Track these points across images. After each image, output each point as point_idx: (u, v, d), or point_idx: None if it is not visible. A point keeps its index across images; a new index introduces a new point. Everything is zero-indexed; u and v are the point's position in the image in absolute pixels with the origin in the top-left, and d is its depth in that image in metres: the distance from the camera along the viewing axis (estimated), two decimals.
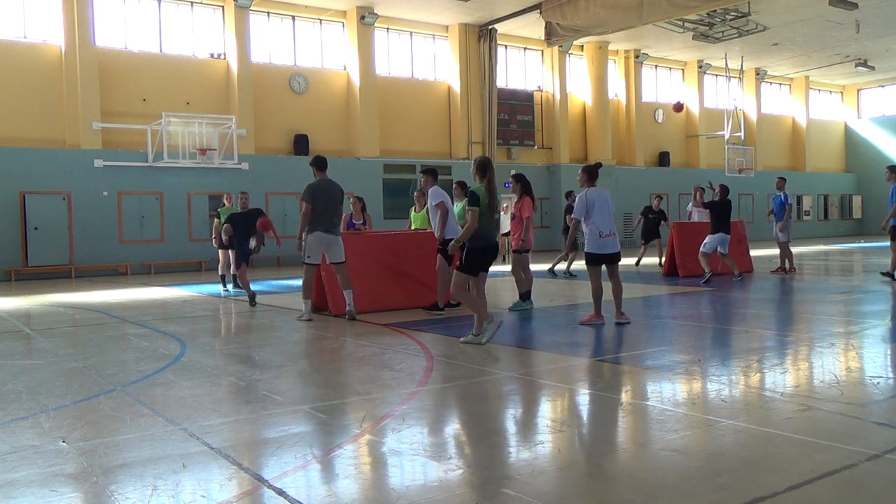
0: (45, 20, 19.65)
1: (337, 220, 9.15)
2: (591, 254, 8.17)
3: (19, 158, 18.63)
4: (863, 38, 27.85)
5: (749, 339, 7.24)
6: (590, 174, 8.26)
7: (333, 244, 9.02)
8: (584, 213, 8.08)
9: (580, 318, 8.46)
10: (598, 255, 8.14)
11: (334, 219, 9.06)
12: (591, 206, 8.03)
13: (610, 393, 5.34)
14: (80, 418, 4.80)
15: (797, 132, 37.42)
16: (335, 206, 9.04)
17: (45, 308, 12.03)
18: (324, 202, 8.91)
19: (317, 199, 8.91)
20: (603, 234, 8.04)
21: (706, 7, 20.68)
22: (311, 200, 8.91)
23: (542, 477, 3.55)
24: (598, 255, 8.14)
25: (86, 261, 19.23)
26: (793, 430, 4.17)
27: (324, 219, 8.91)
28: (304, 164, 22.17)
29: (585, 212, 8.07)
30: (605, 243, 8.08)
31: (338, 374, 6.34)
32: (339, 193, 9.09)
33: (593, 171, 8.30)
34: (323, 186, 9.00)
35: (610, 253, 8.14)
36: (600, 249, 8.11)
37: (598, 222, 8.03)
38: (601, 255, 8.14)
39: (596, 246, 8.11)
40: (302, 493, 3.37)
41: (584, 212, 8.08)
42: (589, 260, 8.21)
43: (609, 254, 8.14)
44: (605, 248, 8.09)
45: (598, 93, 29.05)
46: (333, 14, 23.43)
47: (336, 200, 9.04)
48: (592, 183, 8.22)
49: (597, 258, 8.16)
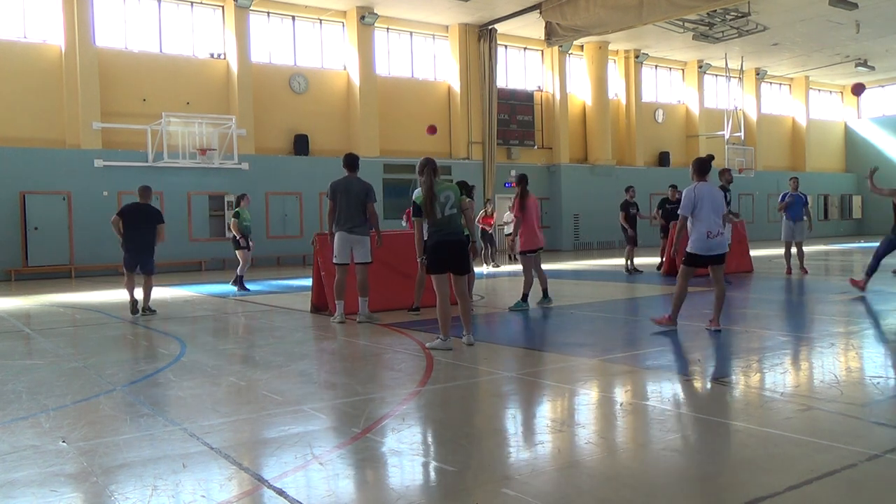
0: (45, 20, 19.65)
1: (361, 219, 8.73)
2: (695, 254, 7.45)
3: (19, 158, 18.64)
4: (863, 38, 27.85)
5: (749, 339, 7.23)
6: (700, 167, 7.59)
7: (358, 244, 8.76)
8: (690, 209, 7.38)
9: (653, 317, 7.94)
10: (702, 256, 7.41)
11: (357, 218, 8.70)
12: (698, 201, 7.35)
13: (610, 393, 5.34)
14: (80, 418, 4.80)
15: (797, 132, 37.42)
16: (355, 205, 8.69)
17: (45, 308, 12.03)
18: (342, 201, 8.71)
19: (335, 198, 8.77)
20: (711, 233, 7.34)
21: (706, 7, 20.69)
22: (331, 199, 8.80)
23: (542, 477, 3.54)
24: (701, 257, 7.42)
25: (86, 261, 19.23)
26: (793, 430, 4.17)
27: (342, 218, 8.71)
28: (304, 164, 22.51)
29: (693, 208, 7.37)
30: (713, 244, 7.37)
31: (338, 374, 6.34)
32: (359, 191, 8.73)
33: (705, 165, 7.63)
34: (341, 184, 8.78)
35: (717, 254, 7.45)
36: (706, 251, 7.39)
37: (705, 220, 7.34)
38: (706, 257, 7.42)
39: (701, 246, 7.39)
40: (302, 493, 3.37)
41: (690, 208, 7.37)
42: (689, 260, 7.51)
43: (716, 255, 7.45)
44: (711, 250, 7.38)
45: (598, 93, 29.06)
46: (333, 14, 23.44)
47: (355, 199, 8.70)
48: (703, 177, 7.54)
49: (699, 259, 7.45)
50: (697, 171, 7.57)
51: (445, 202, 6.90)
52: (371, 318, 8.85)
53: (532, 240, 9.79)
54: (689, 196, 7.41)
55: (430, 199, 6.86)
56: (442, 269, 6.92)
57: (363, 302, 8.87)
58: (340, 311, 8.87)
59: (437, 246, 6.92)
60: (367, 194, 8.76)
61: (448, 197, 6.92)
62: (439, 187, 6.93)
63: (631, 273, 15.35)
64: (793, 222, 14.22)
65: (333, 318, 8.98)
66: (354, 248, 8.77)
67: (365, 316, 8.84)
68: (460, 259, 6.96)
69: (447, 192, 6.94)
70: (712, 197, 7.42)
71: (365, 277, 8.87)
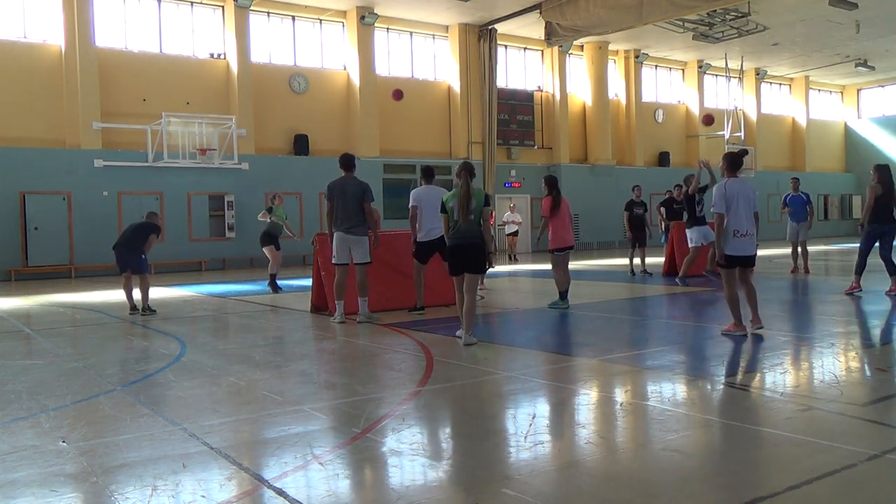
0: (45, 20, 19.65)
1: (358, 219, 8.72)
2: (727, 255, 7.18)
3: (19, 158, 18.64)
4: (863, 38, 27.85)
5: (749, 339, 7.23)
6: (732, 162, 7.29)
7: (356, 244, 8.75)
8: (724, 206, 7.07)
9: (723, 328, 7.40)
10: (731, 256, 7.15)
11: (354, 218, 8.69)
12: (730, 199, 7.07)
13: (610, 393, 5.34)
14: (80, 418, 4.80)
15: (797, 132, 37.42)
16: (352, 205, 8.69)
17: (45, 308, 12.03)
18: (338, 201, 8.73)
19: (333, 199, 8.80)
20: (738, 232, 7.08)
21: (706, 7, 20.69)
22: (329, 199, 8.84)
23: (542, 477, 3.55)
24: (731, 258, 7.16)
25: (86, 261, 19.23)
26: (793, 430, 4.17)
27: (340, 218, 8.73)
28: (304, 164, 22.52)
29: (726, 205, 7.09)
30: (740, 244, 7.10)
31: (338, 374, 6.34)
32: (356, 192, 8.73)
33: (736, 160, 7.34)
34: (337, 184, 8.79)
35: (746, 255, 7.20)
36: (734, 251, 7.12)
37: (734, 219, 7.09)
38: (735, 258, 7.16)
39: (731, 246, 7.12)
40: (302, 493, 3.37)
41: (724, 205, 7.07)
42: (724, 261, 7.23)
43: (745, 256, 7.20)
44: (739, 250, 7.11)
45: (598, 93, 29.06)
46: (333, 14, 23.44)
47: (352, 199, 8.70)
48: (734, 173, 7.26)
49: (730, 260, 7.18)
50: (729, 167, 7.29)
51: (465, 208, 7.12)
52: (371, 318, 8.85)
53: (564, 238, 9.84)
54: (721, 192, 7.11)
55: (466, 201, 7.07)
56: (461, 271, 7.17)
57: (363, 302, 8.86)
58: (340, 312, 8.86)
59: (455, 249, 7.15)
60: (363, 194, 8.75)
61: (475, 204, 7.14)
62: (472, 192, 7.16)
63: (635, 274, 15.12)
64: (795, 223, 14.46)
65: (333, 318, 8.97)
66: (353, 248, 8.77)
67: (365, 316, 8.84)
68: (476, 260, 7.18)
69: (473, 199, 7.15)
70: (745, 194, 7.13)
71: (364, 277, 8.85)
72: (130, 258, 10.29)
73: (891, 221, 10.29)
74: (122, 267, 10.44)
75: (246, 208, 21.34)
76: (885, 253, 10.38)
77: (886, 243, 10.35)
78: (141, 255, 10.31)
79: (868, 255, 10.38)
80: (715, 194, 7.16)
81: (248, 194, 21.44)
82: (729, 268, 7.21)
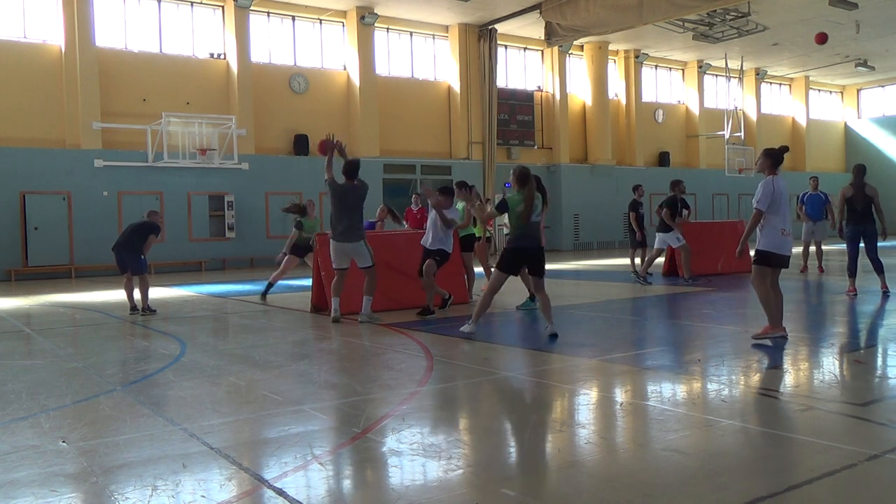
0: (45, 20, 19.64)
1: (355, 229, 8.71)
2: (769, 253, 6.90)
3: (19, 158, 18.63)
4: (863, 38, 27.84)
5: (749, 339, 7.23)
6: (774, 159, 7.04)
7: (354, 252, 8.75)
8: (768, 203, 6.82)
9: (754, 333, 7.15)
10: (776, 255, 6.91)
11: (351, 229, 8.67)
12: (778, 196, 6.85)
13: (610, 393, 5.34)
14: (80, 418, 4.80)
15: (797, 132, 37.41)
16: (349, 212, 8.68)
17: (45, 308, 12.03)
18: (336, 207, 8.75)
19: (332, 199, 8.82)
20: (785, 231, 6.88)
21: (706, 7, 20.68)
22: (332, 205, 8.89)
23: (542, 477, 3.55)
24: (776, 256, 6.92)
25: (86, 261, 19.22)
26: (793, 430, 4.17)
27: (338, 226, 8.72)
28: (304, 164, 22.50)
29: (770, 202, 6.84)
30: (786, 242, 6.92)
31: (338, 374, 6.34)
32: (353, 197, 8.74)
33: (779, 156, 7.10)
34: (336, 190, 8.77)
35: (787, 255, 6.99)
36: (780, 249, 6.89)
37: (782, 217, 6.88)
38: (779, 256, 6.94)
39: (776, 244, 6.87)
40: (302, 493, 3.37)
41: (768, 202, 6.81)
42: (762, 259, 6.95)
43: (786, 256, 6.99)
44: (784, 248, 6.92)
45: (598, 93, 29.05)
46: (333, 14, 23.44)
47: (349, 205, 8.69)
48: (775, 170, 7.02)
49: (773, 259, 6.94)
50: (772, 165, 7.04)
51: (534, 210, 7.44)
52: (372, 318, 8.85)
53: None
54: (768, 189, 6.86)
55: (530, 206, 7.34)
56: (514, 270, 7.42)
57: (367, 301, 8.85)
58: (336, 308, 8.86)
59: (518, 250, 7.43)
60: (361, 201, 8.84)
61: (536, 206, 7.44)
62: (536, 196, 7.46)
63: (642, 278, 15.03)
64: (812, 222, 14.52)
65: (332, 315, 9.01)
66: (353, 256, 8.79)
67: (367, 315, 8.84)
68: (538, 262, 7.48)
69: (536, 202, 7.45)
70: (787, 192, 6.99)
71: (373, 280, 8.86)
72: (129, 259, 10.29)
73: (870, 222, 10.28)
74: (121, 268, 10.47)
75: (246, 208, 21.35)
76: (871, 254, 10.40)
77: (869, 243, 10.35)
78: (139, 256, 10.30)
79: (857, 256, 10.39)
80: (762, 191, 6.88)
81: (248, 194, 21.44)
82: (767, 266, 6.99)
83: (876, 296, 10.23)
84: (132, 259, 10.29)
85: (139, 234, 10.27)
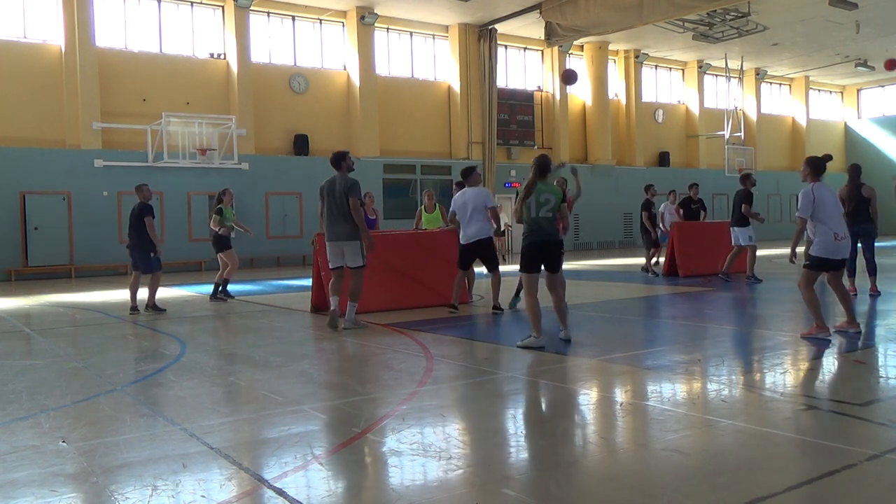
0: (45, 20, 19.65)
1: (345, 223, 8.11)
2: (822, 258, 7.05)
3: (19, 158, 18.64)
4: (863, 38, 27.85)
5: (749, 339, 7.23)
6: (816, 167, 7.18)
7: (346, 249, 8.18)
8: (810, 211, 7.01)
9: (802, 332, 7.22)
10: (830, 259, 7.05)
11: (340, 223, 8.12)
12: (819, 203, 7.01)
13: (610, 393, 5.34)
14: (80, 418, 4.80)
15: (797, 132, 37.42)
16: (336, 207, 8.11)
17: (45, 308, 12.03)
18: (327, 203, 8.23)
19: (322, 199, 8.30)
20: (838, 235, 6.99)
21: (706, 7, 20.68)
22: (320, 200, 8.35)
23: (542, 477, 3.55)
24: (829, 261, 7.06)
25: (86, 261, 19.23)
26: (793, 430, 4.17)
27: (326, 223, 8.27)
28: (304, 165, 22.52)
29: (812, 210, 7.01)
30: (841, 247, 7.04)
31: (338, 374, 6.34)
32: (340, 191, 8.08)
33: (820, 165, 7.22)
34: (324, 186, 8.30)
35: (842, 259, 7.17)
36: (835, 254, 7.02)
37: (832, 222, 7.01)
38: (833, 261, 7.08)
39: (830, 249, 7.00)
40: (302, 493, 3.37)
41: (810, 210, 7.00)
42: (815, 264, 7.10)
43: (841, 260, 7.16)
44: (839, 253, 7.06)
45: (598, 93, 29.06)
46: (333, 14, 23.44)
47: (337, 199, 8.09)
48: (817, 177, 7.16)
49: (826, 263, 7.09)
50: (813, 172, 7.18)
51: (544, 203, 6.96)
52: (357, 325, 8.28)
53: None
54: (808, 197, 7.04)
55: (524, 197, 6.98)
56: (536, 268, 7.07)
57: (351, 307, 8.29)
58: (334, 307, 8.35)
59: (532, 246, 7.05)
60: (347, 191, 8.06)
61: (548, 199, 6.98)
62: (541, 188, 6.98)
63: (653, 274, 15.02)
64: None
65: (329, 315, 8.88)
66: (344, 252, 8.26)
67: (351, 322, 8.27)
68: (554, 258, 7.09)
69: (547, 195, 6.98)
70: (833, 198, 7.14)
71: (357, 283, 8.26)
72: (139, 258, 10.43)
73: (865, 221, 10.27)
74: (133, 266, 10.62)
75: (246, 208, 21.33)
76: (867, 253, 10.39)
77: (866, 243, 10.34)
78: (149, 255, 10.38)
79: (856, 256, 10.39)
80: (803, 200, 7.07)
81: (248, 194, 21.42)
82: (817, 270, 7.15)
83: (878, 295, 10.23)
84: (142, 258, 10.41)
85: (137, 228, 10.31)
